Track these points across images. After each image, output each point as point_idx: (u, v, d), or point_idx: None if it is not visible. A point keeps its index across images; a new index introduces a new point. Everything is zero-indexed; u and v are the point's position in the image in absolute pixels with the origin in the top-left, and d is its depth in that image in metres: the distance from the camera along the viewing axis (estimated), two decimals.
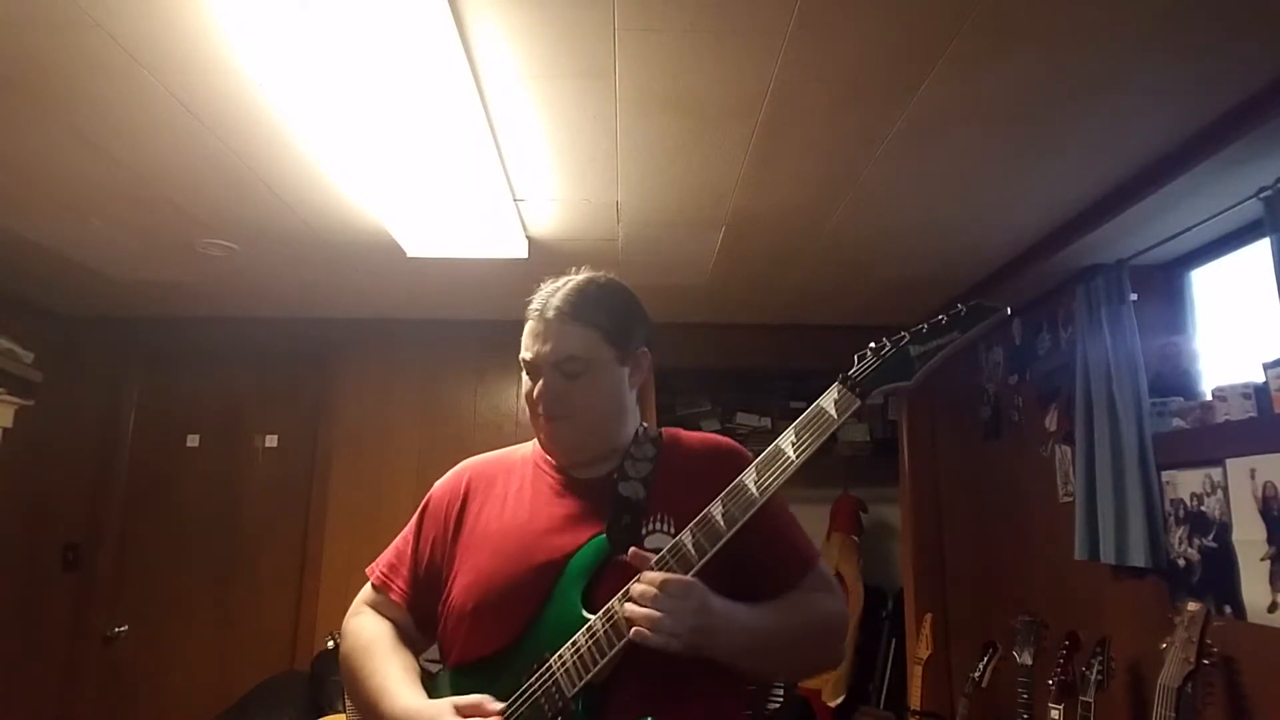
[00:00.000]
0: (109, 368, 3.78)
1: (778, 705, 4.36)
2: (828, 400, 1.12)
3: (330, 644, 3.39)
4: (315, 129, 1.94)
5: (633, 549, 1.13)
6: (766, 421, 4.63)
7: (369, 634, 1.30)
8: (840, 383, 1.13)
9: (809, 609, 1.22)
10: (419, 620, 1.33)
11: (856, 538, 4.40)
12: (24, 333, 3.28)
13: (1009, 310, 1.10)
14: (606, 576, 1.16)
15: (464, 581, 1.26)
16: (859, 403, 1.11)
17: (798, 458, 1.11)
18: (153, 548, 3.69)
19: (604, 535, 1.20)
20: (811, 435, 1.11)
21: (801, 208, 2.51)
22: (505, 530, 1.27)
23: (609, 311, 1.28)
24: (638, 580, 1.09)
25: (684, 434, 1.37)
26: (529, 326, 1.29)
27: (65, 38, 1.63)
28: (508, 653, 1.19)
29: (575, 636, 1.13)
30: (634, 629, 1.06)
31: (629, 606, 1.08)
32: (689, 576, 1.09)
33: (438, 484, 1.40)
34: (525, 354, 1.28)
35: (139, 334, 3.81)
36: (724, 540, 1.10)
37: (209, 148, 2.09)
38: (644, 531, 1.21)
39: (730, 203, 2.47)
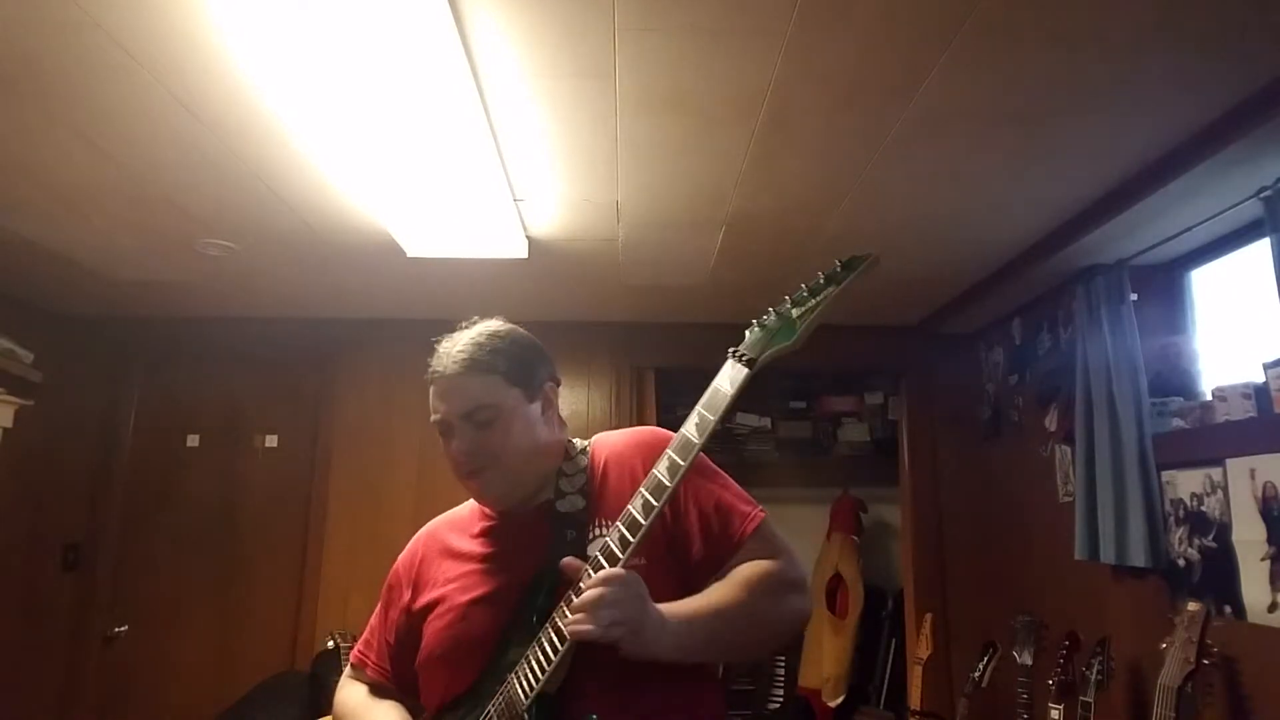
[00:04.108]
0: (109, 368, 3.78)
1: (777, 705, 4.36)
2: (722, 378, 1.15)
3: (330, 644, 3.39)
4: (315, 129, 1.94)
5: (564, 560, 1.15)
6: (766, 421, 4.62)
7: (357, 697, 1.39)
8: (731, 358, 1.15)
9: (752, 580, 1.22)
10: (402, 687, 1.38)
11: (856, 538, 4.40)
12: (24, 333, 3.28)
13: (877, 256, 1.15)
14: (562, 594, 1.16)
15: (431, 631, 1.30)
16: (747, 371, 1.14)
17: (700, 439, 1.13)
18: (153, 548, 3.69)
19: (549, 556, 1.21)
20: (710, 413, 1.13)
21: (801, 208, 2.51)
22: (461, 576, 1.31)
23: (505, 355, 1.31)
24: (576, 589, 1.11)
25: (610, 436, 1.40)
26: (432, 390, 1.31)
27: (65, 38, 1.63)
28: (481, 683, 1.21)
29: (527, 651, 1.15)
30: (569, 626, 1.07)
31: (571, 609, 1.09)
32: (619, 569, 1.10)
33: (399, 558, 1.45)
34: (434, 415, 1.31)
35: (139, 334, 3.81)
36: (645, 529, 1.11)
37: (209, 148, 2.09)
38: (589, 538, 1.23)
39: (730, 203, 2.47)
